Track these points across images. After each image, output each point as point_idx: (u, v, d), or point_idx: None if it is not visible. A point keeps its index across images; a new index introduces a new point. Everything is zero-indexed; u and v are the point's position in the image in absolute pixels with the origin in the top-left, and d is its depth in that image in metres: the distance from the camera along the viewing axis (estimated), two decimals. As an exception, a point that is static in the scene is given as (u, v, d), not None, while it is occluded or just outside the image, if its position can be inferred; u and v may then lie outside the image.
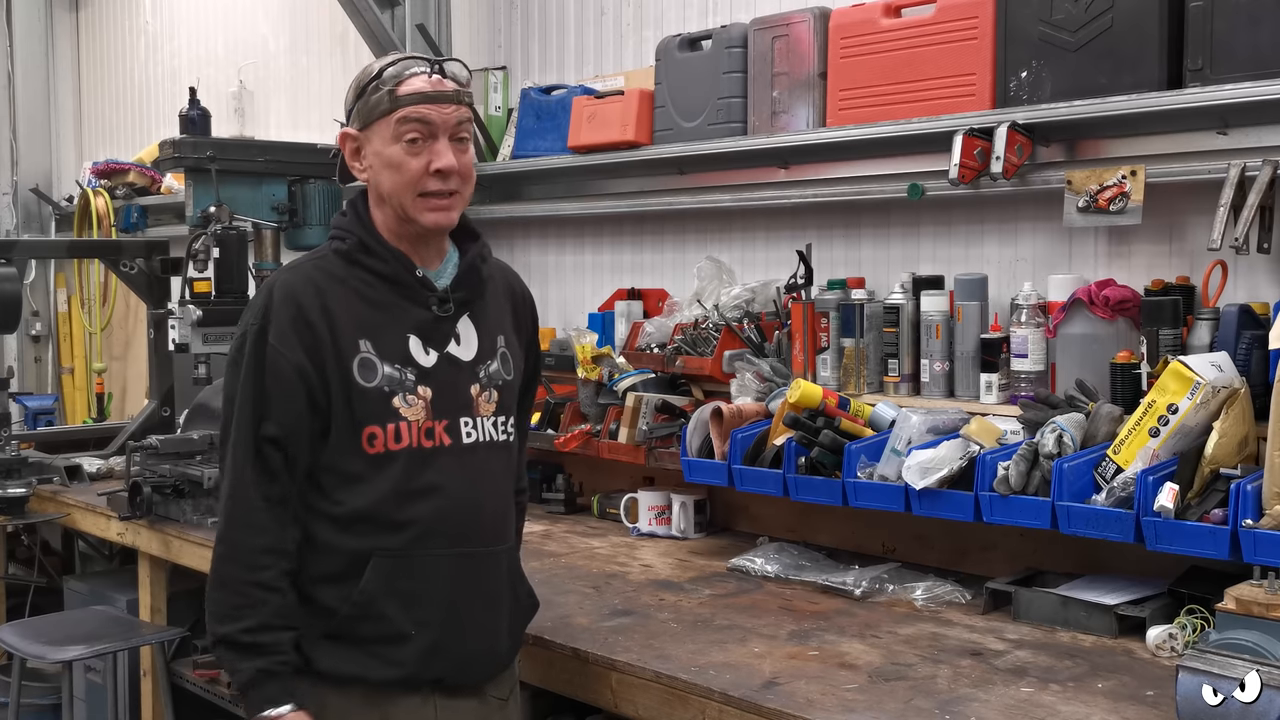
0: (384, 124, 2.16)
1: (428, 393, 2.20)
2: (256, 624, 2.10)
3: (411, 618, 2.17)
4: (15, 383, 6.18)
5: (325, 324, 2.15)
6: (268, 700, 2.10)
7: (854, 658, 2.45)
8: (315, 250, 2.31)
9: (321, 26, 5.62)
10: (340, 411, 2.15)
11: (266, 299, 2.18)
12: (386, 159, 2.17)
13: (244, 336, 2.17)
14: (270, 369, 2.13)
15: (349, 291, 2.20)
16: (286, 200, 4.42)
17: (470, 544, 2.23)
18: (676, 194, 3.91)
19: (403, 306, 2.22)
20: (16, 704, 3.79)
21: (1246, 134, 2.69)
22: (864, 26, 3.27)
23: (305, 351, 2.13)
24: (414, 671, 2.18)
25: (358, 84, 2.21)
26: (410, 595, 2.17)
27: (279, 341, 2.13)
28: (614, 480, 3.88)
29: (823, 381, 3.24)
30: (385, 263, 2.22)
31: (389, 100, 2.16)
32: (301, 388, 2.13)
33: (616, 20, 4.24)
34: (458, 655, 2.22)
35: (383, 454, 2.16)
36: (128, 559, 4.46)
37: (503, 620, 2.30)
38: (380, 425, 2.16)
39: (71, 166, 7.48)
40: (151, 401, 4.86)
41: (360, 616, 2.15)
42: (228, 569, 2.13)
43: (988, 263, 3.23)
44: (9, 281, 4.38)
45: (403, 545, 2.17)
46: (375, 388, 2.16)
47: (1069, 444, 2.62)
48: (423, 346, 2.22)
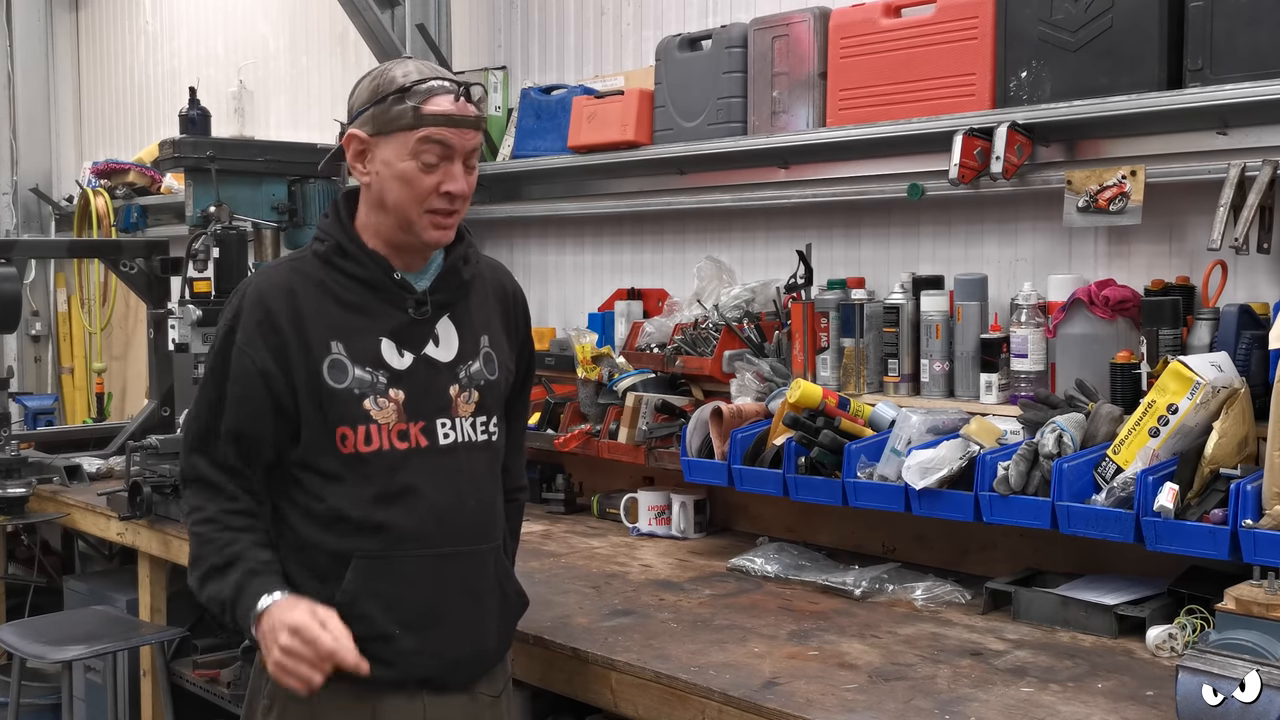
0: (402, 137, 2.15)
1: (400, 395, 2.20)
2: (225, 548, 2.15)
3: (394, 618, 2.17)
4: (15, 383, 6.18)
5: (294, 327, 2.16)
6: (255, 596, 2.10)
7: (854, 658, 2.45)
8: (297, 251, 2.34)
9: (321, 26, 5.62)
10: (311, 413, 2.17)
11: (239, 301, 2.22)
12: (398, 171, 2.16)
13: (218, 334, 2.24)
14: (234, 371, 2.17)
15: (323, 294, 2.20)
16: (286, 200, 4.42)
17: (452, 544, 2.23)
18: (676, 194, 3.91)
19: (378, 309, 2.22)
20: (16, 704, 3.79)
21: (1246, 134, 2.69)
22: (864, 26, 3.27)
23: (271, 354, 2.16)
24: (401, 671, 2.18)
25: (375, 89, 2.18)
26: (392, 597, 2.18)
27: (245, 344, 2.17)
28: (614, 480, 3.88)
29: (823, 381, 3.24)
30: (362, 266, 2.22)
31: (412, 116, 2.14)
32: (264, 390, 2.17)
33: (616, 20, 4.24)
34: (443, 655, 2.22)
35: (353, 455, 2.17)
36: (128, 559, 4.45)
37: (490, 619, 2.30)
38: (350, 426, 2.17)
39: (71, 166, 7.48)
40: (151, 401, 4.86)
41: (344, 616, 2.12)
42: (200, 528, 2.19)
43: (988, 263, 3.23)
44: (9, 281, 4.38)
45: (381, 547, 2.17)
46: (345, 389, 2.17)
47: (1069, 444, 2.62)
48: (396, 349, 2.22)
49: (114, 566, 4.89)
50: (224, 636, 4.16)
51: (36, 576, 5.10)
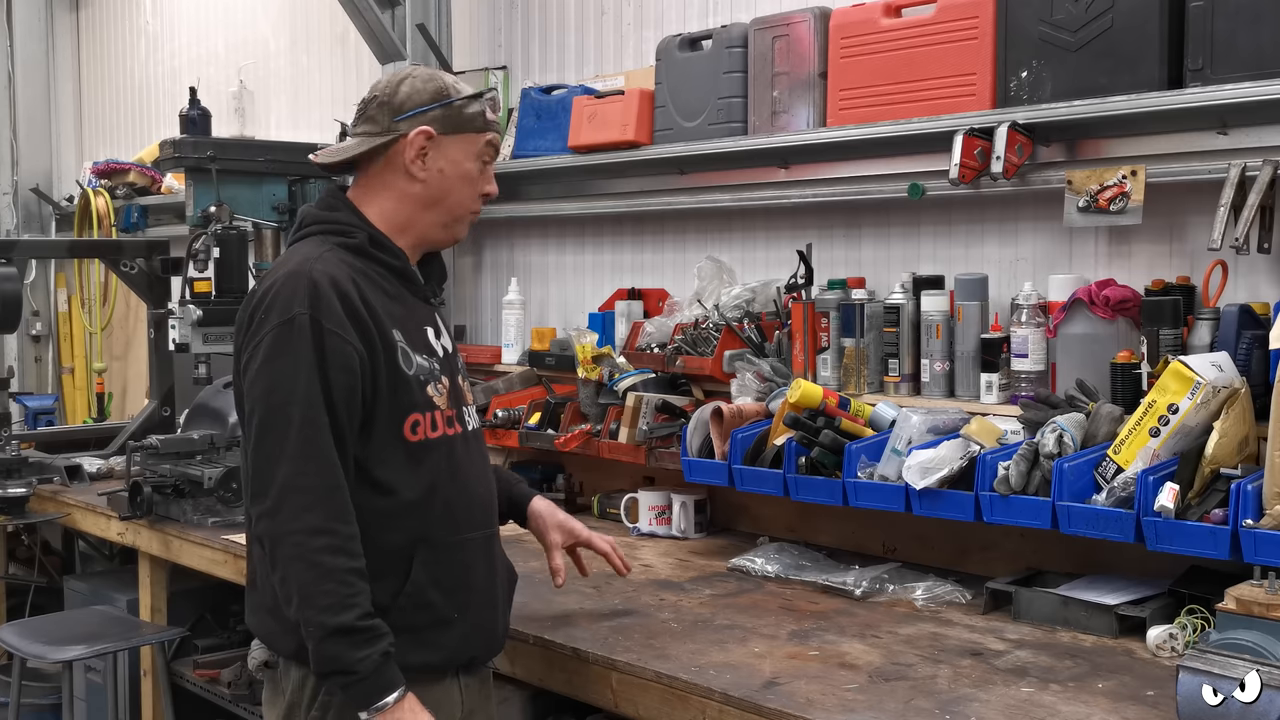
0: (473, 139, 2.26)
1: (447, 382, 2.27)
2: (368, 610, 2.06)
3: (454, 603, 2.23)
4: (15, 383, 6.17)
5: (368, 313, 2.16)
6: (385, 686, 2.05)
7: (854, 658, 2.45)
8: (310, 245, 2.22)
9: (321, 26, 5.62)
10: (386, 401, 2.16)
11: (309, 286, 2.10)
12: (464, 171, 2.26)
13: (288, 325, 2.08)
14: (332, 355, 2.08)
15: (371, 284, 2.21)
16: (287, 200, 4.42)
17: (487, 526, 2.34)
18: (676, 194, 3.91)
19: (411, 300, 2.29)
20: (17, 704, 3.79)
21: (1246, 134, 2.69)
22: (864, 26, 3.27)
23: (361, 338, 2.13)
24: (452, 653, 2.24)
25: (438, 91, 2.24)
26: (454, 582, 2.23)
27: (337, 327, 2.09)
28: (614, 480, 3.88)
29: (823, 381, 3.24)
30: (396, 257, 2.27)
31: (483, 121, 2.26)
32: (359, 374, 2.12)
33: (616, 20, 4.24)
34: (490, 633, 2.33)
35: (422, 442, 2.20)
36: (128, 559, 4.45)
37: (506, 596, 2.42)
38: (421, 413, 2.20)
39: (72, 166, 7.48)
40: (152, 401, 4.86)
41: (412, 607, 2.17)
42: (335, 559, 2.04)
43: (988, 263, 3.23)
44: (9, 281, 4.37)
45: (442, 534, 2.22)
46: (414, 376, 2.21)
47: (1069, 444, 2.62)
48: (435, 337, 2.30)
49: (114, 566, 4.90)
50: (224, 636, 4.16)
51: (37, 576, 5.10)
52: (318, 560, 2.04)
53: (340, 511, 2.07)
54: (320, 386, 2.07)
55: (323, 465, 2.06)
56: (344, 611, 2.02)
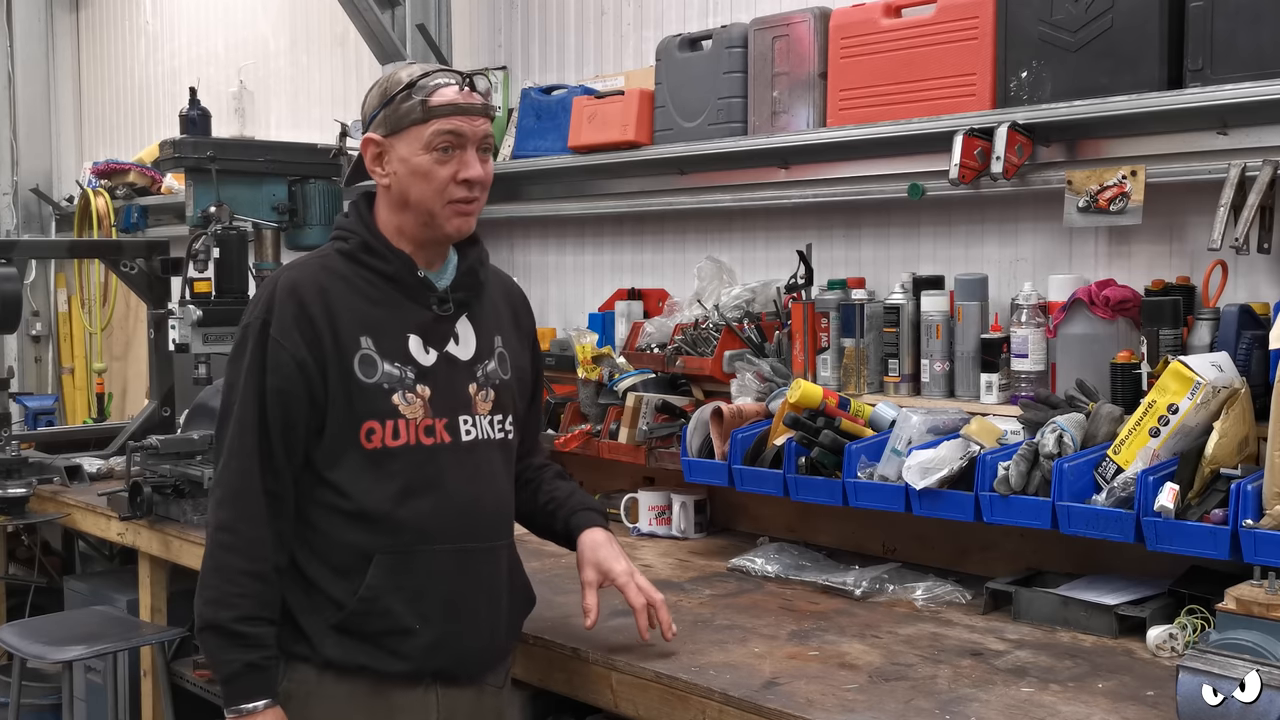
0: (415, 132, 2.21)
1: (426, 391, 2.25)
2: (247, 614, 2.13)
3: (415, 613, 2.21)
4: (15, 383, 6.17)
5: (327, 320, 2.19)
6: (248, 693, 2.14)
7: (854, 658, 2.45)
8: (319, 250, 2.35)
9: (321, 26, 5.62)
10: (340, 407, 2.19)
11: (270, 294, 2.22)
12: (415, 167, 2.21)
13: (246, 330, 2.21)
14: (272, 362, 2.17)
15: (352, 290, 2.24)
16: (287, 200, 4.42)
17: (473, 540, 2.28)
18: (676, 194, 3.91)
19: (404, 306, 2.27)
20: (17, 704, 3.79)
21: (1246, 134, 2.69)
22: (864, 26, 3.27)
23: (306, 346, 2.17)
24: (418, 664, 2.23)
25: (383, 92, 2.25)
26: (414, 591, 2.21)
27: (281, 335, 2.17)
28: (614, 480, 3.88)
29: (823, 381, 3.24)
30: (388, 263, 2.26)
31: (421, 110, 2.20)
32: (302, 381, 2.17)
33: (616, 20, 4.24)
34: (460, 649, 2.27)
35: (380, 449, 2.19)
36: (128, 559, 4.45)
37: (502, 614, 2.36)
38: (379, 421, 2.20)
39: (71, 166, 7.48)
40: (151, 401, 4.86)
41: (366, 612, 2.19)
42: (229, 557, 2.15)
43: (988, 263, 3.23)
44: (9, 281, 4.38)
45: (406, 542, 2.21)
46: (375, 384, 2.20)
47: (1069, 444, 2.62)
48: (423, 345, 2.27)
49: (114, 566, 4.90)
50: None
51: (37, 576, 5.10)
52: (214, 554, 2.17)
53: (248, 513, 2.16)
54: (255, 391, 2.17)
55: (243, 466, 2.17)
56: (222, 609, 2.13)
